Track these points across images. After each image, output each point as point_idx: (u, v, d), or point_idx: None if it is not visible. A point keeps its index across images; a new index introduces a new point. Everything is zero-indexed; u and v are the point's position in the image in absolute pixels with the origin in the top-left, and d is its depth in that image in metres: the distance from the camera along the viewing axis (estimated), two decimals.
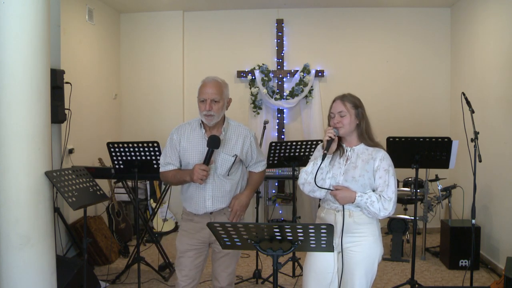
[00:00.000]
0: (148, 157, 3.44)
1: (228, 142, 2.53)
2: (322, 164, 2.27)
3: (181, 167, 2.58)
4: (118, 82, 5.78)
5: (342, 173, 2.29)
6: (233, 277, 2.68)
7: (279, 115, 5.68)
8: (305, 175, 2.33)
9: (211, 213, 2.55)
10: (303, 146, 3.87)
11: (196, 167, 2.39)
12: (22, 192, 2.70)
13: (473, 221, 3.46)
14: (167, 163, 2.58)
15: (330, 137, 2.25)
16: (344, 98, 2.32)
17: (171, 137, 2.59)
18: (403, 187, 5.01)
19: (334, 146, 2.29)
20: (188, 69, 5.76)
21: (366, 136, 2.30)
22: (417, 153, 3.39)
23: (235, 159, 2.52)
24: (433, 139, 3.36)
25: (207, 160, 2.39)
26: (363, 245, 2.25)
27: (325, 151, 2.26)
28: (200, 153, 2.48)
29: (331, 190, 2.27)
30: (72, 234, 4.26)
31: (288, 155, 3.88)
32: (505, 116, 4.10)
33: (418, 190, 4.30)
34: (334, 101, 2.35)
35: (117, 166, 3.61)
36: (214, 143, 2.40)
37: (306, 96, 5.57)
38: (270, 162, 3.90)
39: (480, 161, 3.35)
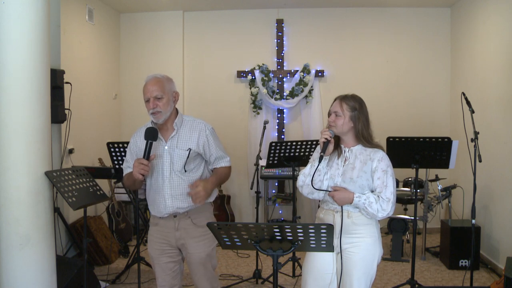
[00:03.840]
0: None
1: (181, 137, 2.48)
2: (319, 166, 2.27)
3: None
4: (118, 82, 5.78)
5: (340, 174, 2.28)
6: (215, 281, 2.62)
7: (279, 115, 5.68)
8: (303, 177, 2.33)
9: (175, 216, 2.48)
10: (303, 146, 3.87)
11: (135, 161, 2.34)
12: (22, 192, 2.70)
13: (473, 221, 3.47)
14: (126, 167, 2.57)
15: (326, 138, 2.26)
16: (344, 99, 2.32)
17: (130, 141, 2.58)
18: (403, 187, 5.01)
19: (331, 147, 2.29)
20: (188, 69, 5.76)
21: (362, 138, 2.30)
22: (417, 153, 3.39)
23: (189, 153, 2.45)
24: (433, 139, 3.36)
25: (147, 154, 2.33)
26: (361, 246, 2.25)
27: (322, 153, 2.26)
28: (153, 151, 2.41)
29: (329, 191, 2.27)
30: (72, 234, 4.26)
31: (288, 155, 3.88)
32: (505, 116, 4.10)
33: (418, 190, 4.30)
34: (335, 99, 2.36)
35: (117, 166, 3.61)
36: (150, 135, 2.36)
37: (306, 96, 5.57)
38: (270, 162, 3.91)
39: (480, 161, 3.35)
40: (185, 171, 2.46)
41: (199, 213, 2.51)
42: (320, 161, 2.26)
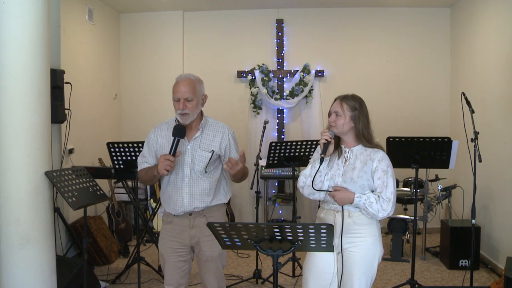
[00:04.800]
0: None
1: (205, 138, 2.52)
2: (320, 167, 2.27)
3: None
4: (118, 82, 5.77)
5: (340, 175, 2.29)
6: (222, 280, 2.63)
7: (279, 115, 5.68)
8: (304, 178, 2.34)
9: (190, 214, 2.50)
10: (303, 146, 3.87)
11: (161, 157, 2.36)
12: (22, 192, 2.70)
13: (473, 221, 3.47)
14: (143, 162, 2.58)
15: (326, 140, 2.26)
16: (344, 99, 2.32)
17: (149, 136, 2.60)
18: (403, 187, 5.01)
19: (331, 148, 2.29)
20: (188, 69, 5.75)
21: (362, 138, 2.30)
22: (417, 153, 3.39)
23: (212, 155, 2.48)
24: (433, 139, 3.36)
25: (173, 150, 2.36)
26: (362, 246, 2.25)
27: (322, 155, 2.26)
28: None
29: (330, 191, 2.27)
30: (72, 234, 4.26)
31: (288, 155, 3.88)
32: (505, 116, 4.10)
33: (418, 190, 4.30)
34: (335, 99, 2.37)
35: (117, 166, 3.61)
36: (179, 132, 2.39)
37: (306, 96, 5.57)
38: (270, 162, 3.91)
39: (480, 161, 3.35)
40: (206, 172, 2.49)
41: (213, 212, 2.55)
42: (321, 163, 2.26)
